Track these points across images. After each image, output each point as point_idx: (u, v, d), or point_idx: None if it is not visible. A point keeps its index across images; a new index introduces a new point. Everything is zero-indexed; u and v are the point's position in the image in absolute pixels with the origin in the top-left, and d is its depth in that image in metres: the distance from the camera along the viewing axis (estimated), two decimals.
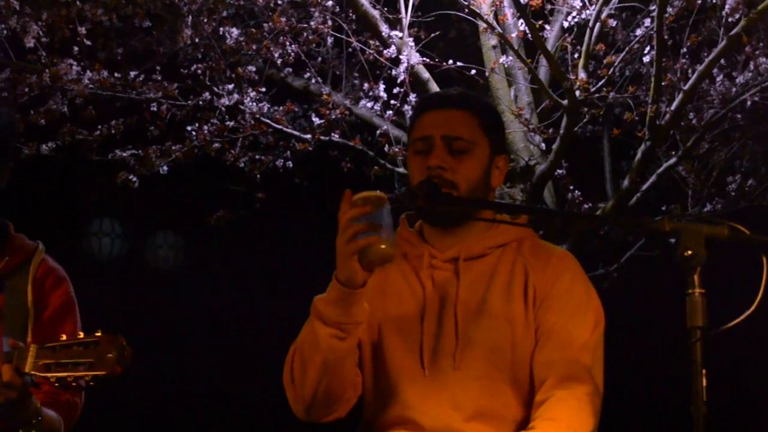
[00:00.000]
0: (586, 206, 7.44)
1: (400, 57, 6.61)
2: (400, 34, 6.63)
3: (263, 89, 7.10)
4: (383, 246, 2.44)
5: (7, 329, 2.89)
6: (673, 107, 6.72)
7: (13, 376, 2.62)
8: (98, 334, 2.53)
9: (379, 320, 2.72)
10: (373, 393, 2.73)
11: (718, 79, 7.09)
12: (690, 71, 6.78)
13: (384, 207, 2.46)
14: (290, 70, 7.59)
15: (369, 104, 7.05)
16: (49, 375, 2.55)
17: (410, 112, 6.75)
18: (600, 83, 6.67)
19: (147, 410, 9.22)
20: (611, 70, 6.77)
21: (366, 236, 2.44)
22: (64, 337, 2.60)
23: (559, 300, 2.66)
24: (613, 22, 6.82)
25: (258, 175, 7.40)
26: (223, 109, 7.05)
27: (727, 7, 6.33)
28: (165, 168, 7.15)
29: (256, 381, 6.80)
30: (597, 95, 6.66)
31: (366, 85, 7.04)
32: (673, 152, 7.49)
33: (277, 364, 2.70)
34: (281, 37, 6.95)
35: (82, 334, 2.56)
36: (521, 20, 6.46)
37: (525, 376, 2.65)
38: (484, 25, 6.53)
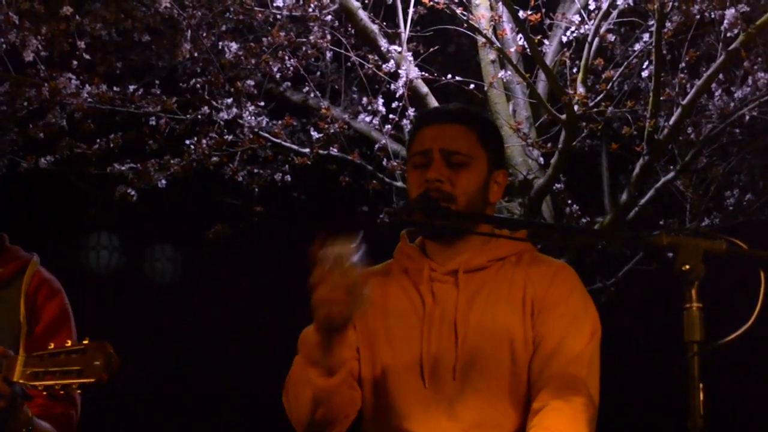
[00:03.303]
0: (584, 220, 7.45)
1: (399, 71, 6.62)
2: (399, 49, 6.64)
3: (262, 103, 7.11)
4: (351, 307, 2.45)
5: None
6: (671, 122, 6.72)
7: (1, 385, 2.61)
8: (85, 341, 2.52)
9: (379, 335, 2.73)
10: (373, 406, 2.73)
11: (716, 93, 7.09)
12: (688, 86, 6.79)
13: (352, 258, 2.44)
14: (289, 84, 7.61)
15: (368, 118, 7.06)
16: (37, 383, 2.55)
17: (409, 127, 6.76)
18: (598, 98, 6.68)
19: (144, 423, 9.21)
20: (610, 84, 6.78)
21: (333, 302, 2.43)
22: (53, 346, 2.59)
23: (556, 311, 2.67)
24: (611, 37, 6.83)
25: (256, 189, 7.41)
26: (222, 123, 7.05)
27: (725, 22, 6.34)
28: (163, 182, 7.15)
29: (254, 394, 6.79)
30: (595, 110, 6.67)
31: (365, 100, 7.05)
32: (672, 167, 7.48)
33: (274, 378, 2.70)
34: (280, 52, 6.96)
35: (69, 343, 2.55)
36: (520, 35, 6.48)
37: (524, 387, 2.65)
38: (483, 40, 6.54)
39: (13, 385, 2.61)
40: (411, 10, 6.69)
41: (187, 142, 7.12)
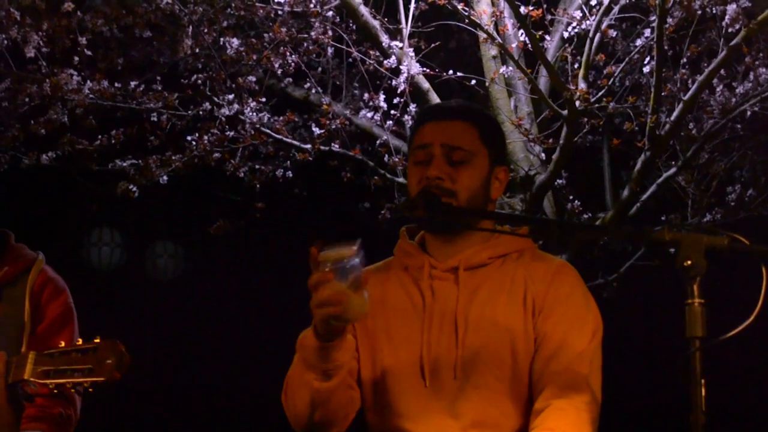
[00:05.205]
0: (585, 216, 7.44)
1: (401, 67, 6.62)
2: (401, 45, 6.64)
3: (263, 99, 7.11)
4: (350, 311, 2.44)
5: (1, 340, 2.86)
6: (673, 117, 6.72)
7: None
8: (97, 340, 2.52)
9: (379, 332, 2.72)
10: (374, 405, 2.72)
11: (718, 89, 7.09)
12: (690, 81, 6.79)
13: (352, 262, 2.43)
14: (290, 80, 7.61)
15: (369, 114, 7.06)
16: (48, 381, 2.54)
17: (410, 122, 6.76)
18: (600, 93, 6.67)
19: (147, 419, 9.22)
20: (611, 80, 6.78)
21: (333, 304, 2.42)
22: (63, 344, 2.59)
23: (557, 309, 2.66)
24: (613, 33, 6.82)
25: (258, 185, 7.41)
26: (224, 119, 7.05)
27: (727, 17, 6.33)
28: (165, 178, 7.15)
29: (256, 390, 6.79)
30: (597, 105, 6.66)
31: (366, 95, 7.05)
32: (673, 162, 7.49)
33: (276, 373, 2.70)
34: (281, 48, 6.96)
35: (80, 341, 2.54)
36: (521, 31, 6.47)
37: (524, 385, 2.64)
38: (485, 36, 6.53)
39: (10, 386, 2.61)
40: (412, 5, 6.69)
41: (189, 138, 7.12)
